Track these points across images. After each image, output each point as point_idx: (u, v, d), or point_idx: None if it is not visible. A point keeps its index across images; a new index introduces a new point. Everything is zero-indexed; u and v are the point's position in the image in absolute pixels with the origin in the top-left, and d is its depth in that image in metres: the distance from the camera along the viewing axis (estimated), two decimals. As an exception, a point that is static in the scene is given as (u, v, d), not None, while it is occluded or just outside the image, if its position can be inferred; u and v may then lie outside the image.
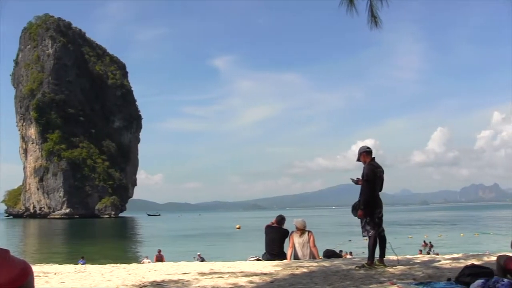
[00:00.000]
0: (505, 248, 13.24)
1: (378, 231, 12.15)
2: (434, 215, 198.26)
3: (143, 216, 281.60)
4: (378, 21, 11.45)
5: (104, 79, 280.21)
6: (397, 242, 40.44)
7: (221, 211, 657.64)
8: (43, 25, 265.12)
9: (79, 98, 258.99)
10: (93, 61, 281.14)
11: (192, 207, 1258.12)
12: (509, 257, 8.84)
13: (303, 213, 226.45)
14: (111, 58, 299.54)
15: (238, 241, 79.63)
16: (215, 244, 73.99)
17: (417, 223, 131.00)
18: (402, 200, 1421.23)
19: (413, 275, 10.36)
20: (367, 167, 12.31)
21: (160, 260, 37.43)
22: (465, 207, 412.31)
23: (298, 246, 16.47)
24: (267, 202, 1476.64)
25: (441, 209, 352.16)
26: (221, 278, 10.96)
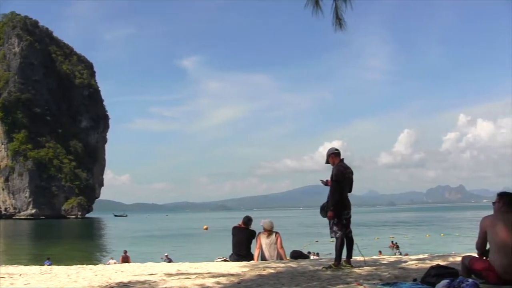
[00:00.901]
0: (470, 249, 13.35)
1: (346, 232, 12.19)
2: (401, 216, 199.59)
3: (110, 216, 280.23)
4: (342, 23, 11.49)
5: (71, 78, 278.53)
6: (364, 243, 40.79)
7: (188, 212, 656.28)
8: (10, 23, 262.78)
9: (45, 98, 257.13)
10: (60, 60, 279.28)
11: (159, 207, 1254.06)
12: (474, 258, 8.93)
13: (270, 214, 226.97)
14: (79, 57, 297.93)
15: (205, 242, 79.57)
16: (182, 245, 73.85)
17: (383, 224, 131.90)
18: (369, 201, 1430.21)
19: (380, 275, 10.41)
20: (335, 168, 12.33)
21: (126, 261, 37.23)
22: (431, 208, 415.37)
23: (265, 247, 16.48)
24: (235, 203, 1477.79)
25: (408, 210, 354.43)
26: (188, 279, 10.93)
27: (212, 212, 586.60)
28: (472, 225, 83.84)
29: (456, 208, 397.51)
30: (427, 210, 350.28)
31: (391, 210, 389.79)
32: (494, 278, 8.31)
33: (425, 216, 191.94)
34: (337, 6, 11.40)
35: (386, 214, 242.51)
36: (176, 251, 57.00)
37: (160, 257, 42.30)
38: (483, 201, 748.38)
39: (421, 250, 39.69)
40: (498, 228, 8.44)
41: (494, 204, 8.95)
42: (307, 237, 71.01)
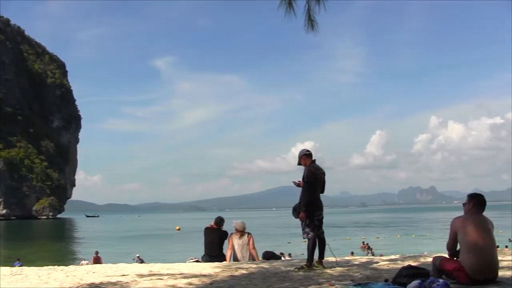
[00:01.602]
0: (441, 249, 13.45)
1: (318, 233, 12.21)
2: (372, 217, 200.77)
3: (82, 217, 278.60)
4: (315, 24, 11.50)
5: (43, 78, 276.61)
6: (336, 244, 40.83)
7: (161, 212, 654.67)
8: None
9: (17, 97, 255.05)
10: (32, 59, 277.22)
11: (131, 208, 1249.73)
12: (445, 258, 9.00)
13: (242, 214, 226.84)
14: (51, 56, 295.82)
15: (177, 243, 79.44)
16: (154, 245, 73.68)
17: (355, 225, 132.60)
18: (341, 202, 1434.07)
19: (351, 276, 10.44)
20: (307, 169, 12.33)
21: (98, 262, 37.04)
22: (403, 209, 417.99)
23: (238, 248, 16.48)
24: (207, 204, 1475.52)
25: (379, 211, 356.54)
26: (160, 279, 10.89)
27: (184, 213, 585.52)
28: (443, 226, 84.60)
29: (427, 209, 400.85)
30: (399, 211, 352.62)
31: (363, 211, 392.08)
32: (464, 278, 8.38)
33: (397, 217, 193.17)
34: (310, 7, 11.41)
35: (358, 215, 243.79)
36: (148, 252, 56.81)
37: (132, 258, 42.18)
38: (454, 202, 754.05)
39: (392, 251, 39.97)
40: (468, 229, 8.51)
41: (465, 205, 9.03)
42: (279, 238, 71.25)
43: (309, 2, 11.41)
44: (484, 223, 8.69)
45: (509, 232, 75.34)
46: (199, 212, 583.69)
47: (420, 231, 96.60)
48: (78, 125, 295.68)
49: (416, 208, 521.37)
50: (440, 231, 79.24)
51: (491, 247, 8.63)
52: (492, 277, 8.53)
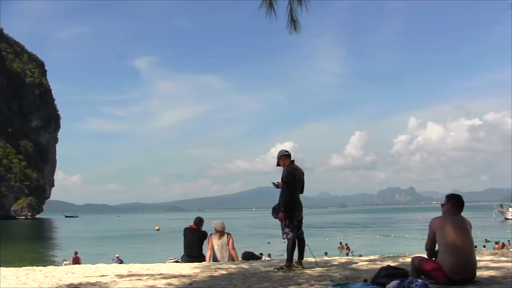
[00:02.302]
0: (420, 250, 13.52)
1: (297, 234, 12.22)
2: (352, 218, 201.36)
3: (61, 217, 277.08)
4: (297, 25, 11.53)
5: (22, 77, 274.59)
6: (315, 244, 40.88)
7: (140, 213, 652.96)
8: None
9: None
10: (11, 58, 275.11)
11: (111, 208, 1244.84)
12: (423, 258, 9.04)
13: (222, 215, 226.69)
14: (30, 55, 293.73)
15: (157, 243, 79.30)
16: (133, 246, 73.49)
17: (335, 226, 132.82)
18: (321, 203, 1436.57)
19: (331, 276, 10.46)
20: (286, 170, 12.34)
21: (77, 262, 36.87)
22: (382, 210, 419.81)
23: (217, 248, 16.49)
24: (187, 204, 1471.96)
25: (359, 212, 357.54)
26: (140, 280, 10.85)
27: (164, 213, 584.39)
28: (422, 226, 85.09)
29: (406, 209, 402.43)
30: (378, 211, 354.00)
31: (342, 212, 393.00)
32: (442, 278, 8.43)
33: (376, 218, 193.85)
34: (292, 8, 11.43)
35: (337, 216, 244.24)
36: (128, 252, 56.68)
37: (111, 258, 42.05)
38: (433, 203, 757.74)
39: (371, 251, 40.08)
40: (447, 230, 8.57)
41: (443, 206, 9.08)
42: (259, 238, 71.17)
43: (292, 3, 11.43)
44: (463, 223, 8.75)
45: (487, 232, 75.91)
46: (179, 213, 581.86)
47: (399, 232, 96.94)
48: (57, 125, 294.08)
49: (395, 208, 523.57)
50: (419, 231, 79.53)
51: (469, 248, 8.69)
52: (470, 277, 8.59)
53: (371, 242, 76.72)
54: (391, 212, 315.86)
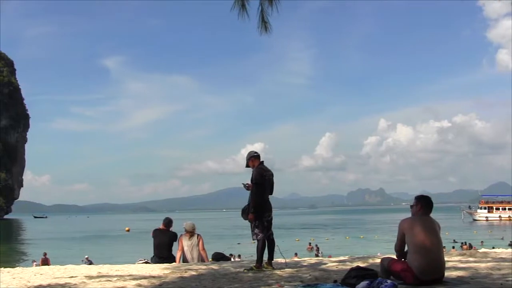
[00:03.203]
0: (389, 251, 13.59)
1: (267, 235, 12.23)
2: (322, 219, 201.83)
3: (29, 218, 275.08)
4: (268, 26, 11.50)
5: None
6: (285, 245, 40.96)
7: (110, 213, 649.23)
8: None
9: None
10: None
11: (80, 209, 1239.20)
12: (393, 259, 9.10)
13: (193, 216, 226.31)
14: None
15: (126, 244, 78.92)
16: (103, 246, 73.14)
17: (305, 227, 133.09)
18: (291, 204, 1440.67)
19: (301, 277, 10.48)
20: (255, 171, 12.36)
21: (46, 264, 36.60)
22: (352, 211, 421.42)
23: (187, 249, 16.48)
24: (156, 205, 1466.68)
25: (329, 213, 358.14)
26: (109, 281, 10.80)
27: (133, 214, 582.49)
28: (391, 227, 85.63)
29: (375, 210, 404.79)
30: (348, 212, 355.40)
31: (312, 213, 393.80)
32: (411, 279, 8.49)
33: (346, 219, 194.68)
34: (263, 9, 11.41)
35: (307, 217, 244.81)
36: (97, 253, 56.36)
37: (81, 259, 41.76)
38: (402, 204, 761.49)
39: (341, 252, 40.26)
40: (416, 231, 8.63)
41: (412, 207, 9.15)
42: (229, 239, 71.14)
43: (262, 4, 11.41)
44: (431, 224, 8.82)
45: (456, 233, 76.55)
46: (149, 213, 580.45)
47: (368, 233, 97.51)
48: (26, 125, 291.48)
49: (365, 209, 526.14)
50: (388, 232, 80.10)
51: (438, 248, 8.76)
52: (439, 277, 8.65)
53: (341, 243, 76.93)
54: (361, 213, 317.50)
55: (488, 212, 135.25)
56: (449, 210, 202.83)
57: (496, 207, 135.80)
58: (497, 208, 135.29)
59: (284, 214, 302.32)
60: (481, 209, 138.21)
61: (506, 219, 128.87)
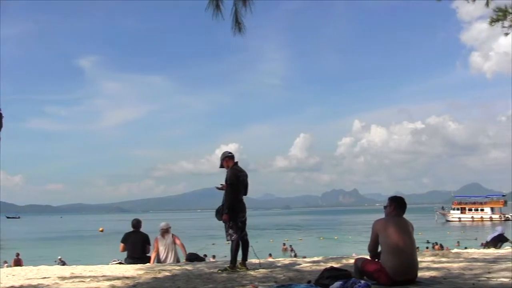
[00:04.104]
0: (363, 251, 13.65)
1: (241, 235, 12.26)
2: (296, 219, 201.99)
3: (2, 218, 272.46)
4: (242, 27, 11.49)
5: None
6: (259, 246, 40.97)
7: (84, 214, 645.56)
8: None
9: None
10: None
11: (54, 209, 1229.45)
12: (366, 260, 9.14)
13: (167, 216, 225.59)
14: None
15: (100, 244, 78.56)
16: (77, 247, 72.76)
17: (279, 227, 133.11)
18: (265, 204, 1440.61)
19: (275, 278, 10.51)
20: (229, 171, 12.39)
21: (19, 264, 36.31)
22: (326, 212, 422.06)
23: (162, 249, 16.54)
24: (131, 205, 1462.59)
25: (303, 213, 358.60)
26: (83, 282, 10.76)
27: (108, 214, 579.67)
28: (365, 228, 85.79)
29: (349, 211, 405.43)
30: (322, 213, 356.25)
31: (287, 213, 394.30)
32: (385, 279, 8.54)
33: (320, 219, 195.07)
34: (237, 9, 11.41)
35: (281, 217, 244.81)
36: (71, 254, 56.02)
37: (54, 260, 41.57)
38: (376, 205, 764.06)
39: (315, 253, 40.32)
40: (389, 231, 8.67)
41: (386, 207, 9.20)
42: (203, 240, 71.09)
43: (236, 4, 11.41)
44: (405, 225, 8.87)
45: (429, 233, 76.98)
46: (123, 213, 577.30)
47: (342, 233, 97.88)
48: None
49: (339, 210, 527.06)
50: (362, 233, 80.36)
51: (411, 249, 8.82)
52: (412, 277, 8.72)
53: (315, 243, 77.20)
54: (335, 214, 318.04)
55: (461, 213, 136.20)
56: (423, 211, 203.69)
57: (468, 208, 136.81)
58: (469, 209, 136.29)
59: (258, 214, 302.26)
60: (454, 210, 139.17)
61: (479, 220, 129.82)
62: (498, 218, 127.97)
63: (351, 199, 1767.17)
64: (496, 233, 23.60)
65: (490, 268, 10.83)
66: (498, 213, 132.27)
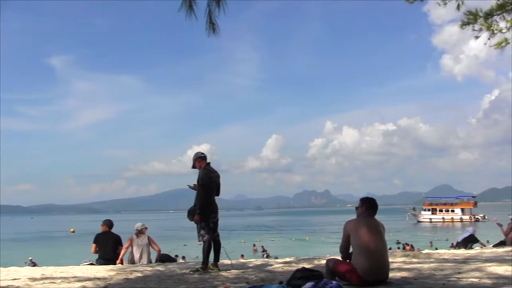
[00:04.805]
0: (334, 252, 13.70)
1: (213, 236, 12.26)
2: (268, 220, 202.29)
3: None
4: (216, 27, 11.50)
5: None
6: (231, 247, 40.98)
7: (55, 214, 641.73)
8: None
9: None
10: None
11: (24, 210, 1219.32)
12: (338, 260, 9.18)
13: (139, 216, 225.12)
14: None
15: (71, 245, 78.15)
16: (47, 248, 72.38)
17: (251, 228, 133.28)
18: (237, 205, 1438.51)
19: (247, 278, 10.52)
20: (201, 172, 12.40)
21: (-12, 266, 36.00)
22: (298, 213, 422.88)
23: (136, 249, 16.52)
24: (103, 205, 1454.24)
25: (275, 214, 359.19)
26: (53, 283, 10.69)
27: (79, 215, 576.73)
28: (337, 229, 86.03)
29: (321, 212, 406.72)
30: (294, 214, 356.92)
31: (259, 214, 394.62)
32: (356, 280, 8.58)
33: (292, 220, 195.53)
34: (211, 10, 11.41)
35: (253, 218, 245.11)
36: (41, 254, 55.70)
37: (25, 261, 41.18)
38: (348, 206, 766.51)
39: (287, 254, 40.36)
40: (361, 232, 8.72)
41: (357, 208, 9.25)
42: (175, 241, 70.89)
43: (210, 5, 11.41)
44: (376, 226, 8.93)
45: (400, 234, 77.48)
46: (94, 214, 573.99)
47: (314, 234, 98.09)
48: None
49: (311, 211, 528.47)
50: (334, 234, 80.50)
51: (383, 249, 8.87)
52: (383, 278, 8.77)
53: (287, 244, 77.32)
54: (307, 214, 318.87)
55: (431, 214, 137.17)
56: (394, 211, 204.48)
57: (439, 209, 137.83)
58: (440, 210, 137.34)
59: (230, 215, 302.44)
60: (425, 211, 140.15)
61: (449, 220, 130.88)
62: (468, 219, 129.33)
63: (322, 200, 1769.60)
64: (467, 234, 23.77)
65: (460, 268, 10.94)
66: (469, 214, 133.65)
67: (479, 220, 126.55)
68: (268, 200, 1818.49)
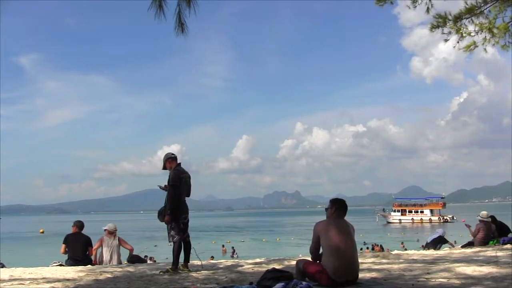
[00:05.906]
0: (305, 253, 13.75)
1: (183, 237, 12.25)
2: (238, 221, 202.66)
3: None
4: (185, 28, 11.48)
5: None
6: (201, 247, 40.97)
7: (24, 215, 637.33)
8: None
9: None
10: None
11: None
12: (308, 261, 9.21)
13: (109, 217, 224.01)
14: None
15: (41, 246, 77.50)
16: (16, 249, 71.61)
17: (221, 229, 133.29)
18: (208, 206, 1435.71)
19: (217, 279, 10.52)
20: (172, 173, 12.37)
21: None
22: (268, 213, 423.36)
23: (107, 250, 16.52)
24: (72, 206, 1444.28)
25: (245, 215, 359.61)
26: (22, 284, 10.60)
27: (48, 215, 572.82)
28: (307, 230, 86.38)
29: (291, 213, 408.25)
30: (264, 215, 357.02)
31: (229, 215, 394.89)
32: (326, 280, 8.61)
33: (262, 221, 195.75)
34: (181, 10, 11.39)
35: (224, 219, 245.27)
36: (10, 256, 55.07)
37: (-8, 262, 40.80)
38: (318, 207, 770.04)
39: (257, 254, 40.41)
40: (331, 233, 8.75)
41: (327, 209, 9.29)
42: (145, 242, 70.75)
43: (180, 5, 11.39)
44: (346, 227, 8.97)
45: (370, 235, 77.90)
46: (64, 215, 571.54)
47: (284, 235, 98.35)
48: None
49: (281, 212, 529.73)
50: (304, 235, 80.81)
51: (352, 250, 8.91)
52: (353, 278, 8.81)
53: (257, 245, 77.44)
54: (277, 215, 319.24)
55: (401, 215, 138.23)
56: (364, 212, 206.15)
57: (409, 210, 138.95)
58: (409, 211, 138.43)
59: (200, 216, 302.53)
60: (395, 212, 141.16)
61: (418, 221, 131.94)
62: (437, 220, 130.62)
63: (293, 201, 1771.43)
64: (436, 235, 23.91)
65: (429, 269, 11.03)
66: (438, 215, 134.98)
67: (447, 221, 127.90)
68: (239, 201, 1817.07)
